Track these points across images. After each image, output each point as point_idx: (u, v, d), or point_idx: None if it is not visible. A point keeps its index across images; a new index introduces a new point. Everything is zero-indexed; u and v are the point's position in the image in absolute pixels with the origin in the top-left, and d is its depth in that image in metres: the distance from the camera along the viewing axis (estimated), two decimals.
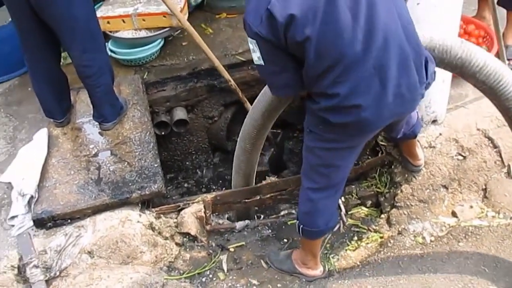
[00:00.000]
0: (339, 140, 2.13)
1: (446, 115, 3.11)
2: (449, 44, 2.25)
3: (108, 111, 3.20)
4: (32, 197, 2.76)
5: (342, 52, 1.83)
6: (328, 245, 2.97)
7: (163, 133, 3.96)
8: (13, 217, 2.76)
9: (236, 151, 3.05)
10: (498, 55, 3.31)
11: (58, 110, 3.26)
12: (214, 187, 4.28)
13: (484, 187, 2.93)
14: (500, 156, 2.96)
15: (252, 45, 1.92)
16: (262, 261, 2.86)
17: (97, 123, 3.26)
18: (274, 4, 1.75)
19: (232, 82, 3.56)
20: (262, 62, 1.95)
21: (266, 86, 2.64)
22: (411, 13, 2.74)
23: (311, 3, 1.76)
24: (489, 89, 2.28)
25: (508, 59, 3.43)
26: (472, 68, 2.24)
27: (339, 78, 1.89)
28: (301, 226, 2.47)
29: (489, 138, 3.02)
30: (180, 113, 3.93)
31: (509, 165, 2.92)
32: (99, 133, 3.25)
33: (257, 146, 2.97)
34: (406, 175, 2.98)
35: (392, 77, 1.91)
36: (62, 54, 3.35)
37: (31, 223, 2.72)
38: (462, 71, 2.30)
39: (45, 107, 3.24)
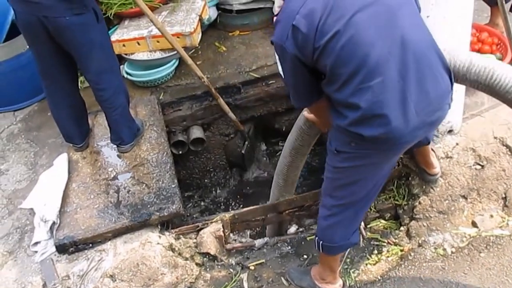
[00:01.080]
0: (372, 155, 2.10)
1: (462, 125, 3.09)
2: None
3: (125, 133, 3.25)
4: (54, 223, 2.81)
5: (366, 53, 1.86)
6: (348, 260, 2.96)
7: (180, 152, 4.00)
8: (36, 243, 2.82)
9: (272, 186, 3.26)
10: None
11: (77, 134, 3.32)
12: (233, 204, 4.30)
13: (504, 195, 2.89)
14: None
15: (278, 59, 2.11)
16: (282, 278, 2.86)
17: (115, 146, 3.32)
18: (299, 20, 1.88)
19: (205, 79, 3.65)
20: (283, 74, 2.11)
21: (294, 127, 2.85)
22: None
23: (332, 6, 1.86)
24: (485, 86, 2.23)
25: None
26: (461, 70, 2.22)
27: (363, 84, 1.89)
28: (321, 242, 2.44)
29: (507, 146, 2.99)
30: (196, 132, 3.98)
31: None
32: (117, 155, 3.30)
33: (288, 182, 3.15)
34: (424, 187, 2.96)
35: (417, 86, 1.92)
36: (80, 78, 3.41)
37: (54, 248, 2.77)
38: (453, 75, 2.23)
39: (64, 132, 3.31)
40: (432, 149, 2.87)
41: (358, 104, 1.91)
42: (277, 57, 2.11)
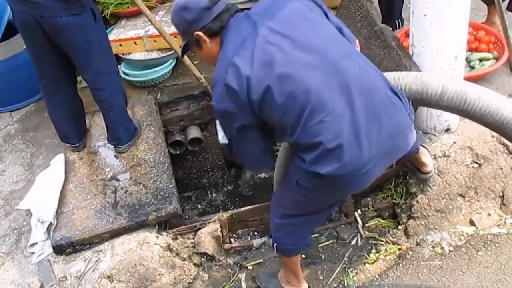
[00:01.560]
0: (330, 192, 2.12)
1: (459, 123, 3.09)
2: (404, 82, 2.26)
3: (122, 133, 3.25)
4: (51, 223, 2.81)
5: (305, 88, 1.86)
6: (346, 259, 2.96)
7: (178, 152, 3.99)
8: (33, 244, 2.82)
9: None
10: (509, 62, 3.30)
11: (74, 135, 3.32)
12: (231, 204, 4.29)
13: (501, 194, 2.89)
14: None
15: (219, 126, 2.06)
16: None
17: (112, 146, 3.31)
18: (229, 77, 1.87)
19: (203, 79, 3.62)
20: (226, 141, 2.07)
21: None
22: (418, 26, 2.77)
23: (261, 59, 1.87)
24: (461, 111, 2.23)
25: None
26: (432, 98, 2.22)
27: (311, 122, 1.88)
28: (275, 244, 2.45)
29: (504, 145, 2.99)
30: (194, 132, 3.97)
31: None
32: (115, 156, 3.30)
33: None
34: (422, 186, 2.96)
35: (367, 117, 1.91)
36: (78, 78, 3.40)
37: (51, 249, 2.77)
38: (425, 103, 2.28)
39: (61, 133, 3.30)
40: (426, 148, 2.86)
41: (315, 141, 1.89)
42: (218, 126, 2.08)
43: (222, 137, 2.03)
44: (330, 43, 1.97)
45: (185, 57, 3.59)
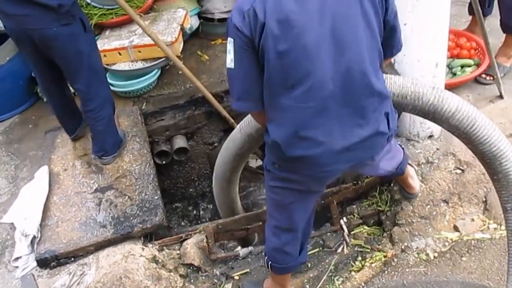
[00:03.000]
0: (294, 181, 2.07)
1: (441, 130, 3.11)
2: (420, 91, 2.24)
3: (109, 145, 3.24)
4: (34, 237, 2.78)
5: (309, 70, 1.78)
6: (332, 267, 2.96)
7: (164, 162, 3.99)
8: (17, 258, 2.79)
9: (214, 190, 3.23)
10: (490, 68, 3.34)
11: (69, 128, 3.41)
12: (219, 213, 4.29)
13: (484, 199, 2.92)
14: None
15: (229, 45, 1.87)
16: None
17: (97, 157, 3.30)
18: (257, 3, 1.76)
19: (203, 89, 3.66)
20: (233, 65, 1.89)
21: (236, 129, 2.76)
22: None
23: (290, 8, 1.74)
24: (463, 134, 2.26)
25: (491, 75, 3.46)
26: (445, 114, 2.23)
27: (300, 103, 1.83)
28: (270, 262, 2.44)
29: None
30: (180, 142, 3.97)
31: None
32: (99, 167, 3.28)
33: (231, 184, 3.16)
34: None
35: (352, 116, 1.88)
36: None
37: (35, 263, 2.74)
38: (434, 117, 2.28)
39: (61, 125, 3.40)
40: (414, 168, 2.89)
41: (290, 117, 1.86)
42: (229, 45, 1.88)
43: (230, 61, 1.90)
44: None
45: (181, 64, 3.59)
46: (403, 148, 2.58)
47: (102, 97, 3.08)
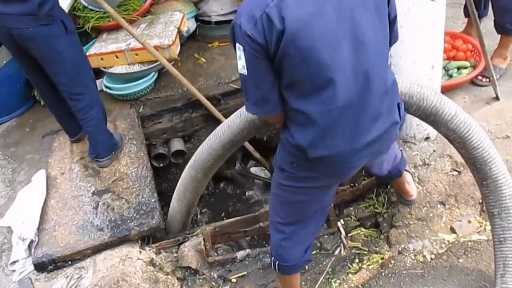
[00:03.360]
0: (313, 179, 2.05)
1: (438, 132, 3.12)
2: (426, 93, 2.32)
3: (101, 146, 3.24)
4: (32, 241, 2.79)
5: (333, 73, 1.75)
6: (330, 269, 2.97)
7: (161, 165, 3.99)
8: (14, 262, 2.79)
9: (183, 178, 3.01)
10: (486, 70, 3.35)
11: (68, 130, 3.44)
12: (215, 216, 4.29)
13: (480, 201, 2.91)
14: None
15: (239, 51, 1.77)
16: None
17: (93, 160, 3.30)
18: (272, 8, 1.67)
19: (198, 95, 3.70)
20: (245, 71, 1.81)
21: (231, 117, 2.67)
22: None
23: (309, 11, 1.69)
24: (458, 138, 2.34)
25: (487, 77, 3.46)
26: (445, 117, 2.31)
27: (325, 105, 1.80)
28: (277, 262, 2.40)
29: None
30: (177, 144, 3.97)
31: None
32: (97, 171, 3.28)
33: (208, 176, 3.00)
34: None
35: (371, 113, 1.89)
36: None
37: (32, 267, 2.74)
38: (435, 119, 2.36)
39: (62, 127, 3.43)
40: (411, 174, 2.90)
41: (316, 120, 1.83)
42: (238, 51, 1.78)
43: (242, 67, 1.80)
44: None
45: (172, 68, 3.59)
46: (401, 150, 2.61)
47: (88, 99, 3.07)
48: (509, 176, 2.35)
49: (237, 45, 1.75)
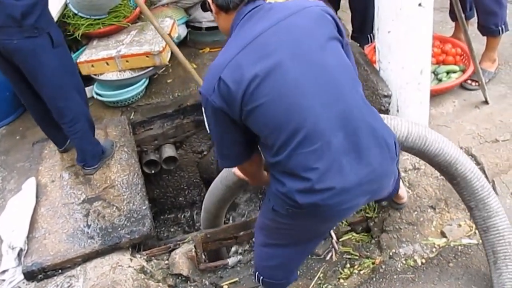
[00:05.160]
0: (309, 220, 1.98)
1: None
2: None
3: (88, 156, 3.23)
4: (21, 249, 2.77)
5: (302, 118, 1.74)
6: (321, 275, 2.96)
7: (153, 171, 3.98)
8: (3, 271, 2.77)
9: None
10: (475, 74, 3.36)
11: (56, 140, 3.40)
12: None
13: None
14: (484, 173, 2.97)
15: (204, 112, 1.88)
16: None
17: (81, 167, 3.29)
18: (226, 73, 1.73)
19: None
20: (209, 130, 1.94)
21: (217, 178, 2.86)
22: (383, 42, 2.82)
23: (263, 65, 1.72)
24: (418, 152, 2.42)
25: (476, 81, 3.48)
26: (399, 138, 2.33)
27: (302, 150, 1.76)
28: (261, 277, 2.38)
29: (472, 156, 3.05)
30: (168, 151, 3.97)
31: (493, 181, 2.93)
32: (87, 178, 3.27)
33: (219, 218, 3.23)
34: None
35: (359, 155, 1.81)
36: None
37: (22, 276, 2.72)
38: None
39: (49, 137, 3.41)
40: (401, 179, 2.91)
41: (307, 177, 1.78)
42: (203, 111, 1.90)
43: (208, 126, 1.91)
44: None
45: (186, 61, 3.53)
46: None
47: (73, 112, 3.02)
48: (476, 170, 2.43)
49: (203, 107, 1.84)
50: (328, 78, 1.76)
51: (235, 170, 2.48)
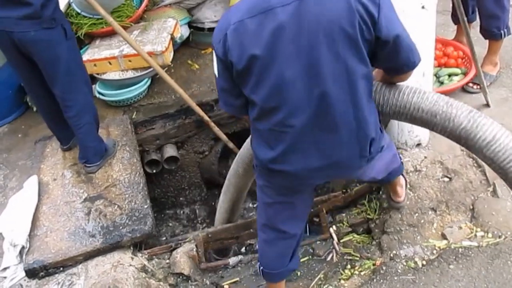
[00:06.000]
0: (273, 183, 2.16)
1: (429, 138, 3.15)
2: (454, 112, 2.03)
3: (90, 153, 3.24)
4: (23, 247, 2.78)
5: (283, 98, 1.81)
6: (322, 276, 2.97)
7: (154, 171, 3.99)
8: (5, 269, 2.78)
9: (229, 172, 3.11)
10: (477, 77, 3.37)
11: (61, 137, 3.42)
12: (209, 221, 4.29)
13: (471, 207, 2.93)
14: (485, 175, 2.98)
15: (214, 56, 1.93)
16: None
17: (83, 165, 3.30)
18: (231, 34, 1.78)
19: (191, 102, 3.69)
20: (216, 74, 1.96)
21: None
22: None
23: (264, 48, 1.76)
24: (498, 168, 2.03)
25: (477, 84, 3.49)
26: (478, 142, 2.01)
27: (277, 127, 1.89)
28: (261, 268, 2.45)
29: (473, 158, 3.05)
30: (170, 150, 3.98)
31: (494, 184, 2.93)
32: (89, 177, 3.28)
33: (249, 172, 2.95)
34: None
35: (329, 145, 1.92)
36: None
37: (23, 273, 2.73)
38: (467, 144, 2.07)
39: (54, 134, 3.43)
40: (405, 179, 2.91)
41: (273, 147, 1.94)
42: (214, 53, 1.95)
43: (215, 69, 1.96)
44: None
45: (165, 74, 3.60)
46: (401, 159, 2.58)
47: (81, 104, 3.08)
48: None
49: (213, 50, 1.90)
50: (318, 69, 1.77)
51: None
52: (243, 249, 3.62)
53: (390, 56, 1.89)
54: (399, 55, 1.88)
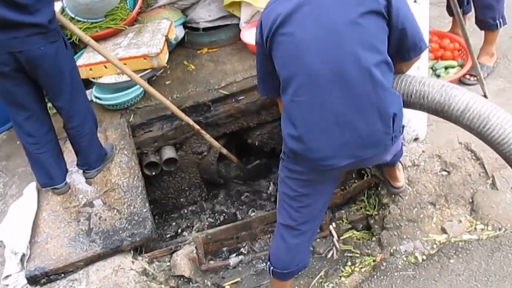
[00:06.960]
0: (299, 171, 2.17)
1: (427, 132, 3.14)
2: (426, 89, 2.17)
3: (92, 159, 3.24)
4: (24, 254, 2.78)
5: (299, 66, 1.96)
6: (322, 273, 2.98)
7: (153, 173, 3.99)
8: (7, 277, 2.78)
9: None
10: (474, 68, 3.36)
11: (59, 172, 3.16)
12: (211, 222, 4.29)
13: (471, 200, 2.93)
14: (484, 168, 2.97)
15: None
16: None
17: (82, 171, 3.30)
18: (263, 16, 2.07)
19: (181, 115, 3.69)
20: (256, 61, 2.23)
21: None
22: None
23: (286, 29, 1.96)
24: (477, 133, 2.15)
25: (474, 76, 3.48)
26: (453, 112, 2.13)
27: (294, 97, 2.00)
28: (272, 268, 2.45)
29: (472, 151, 3.05)
30: (169, 152, 3.97)
31: (493, 176, 2.93)
32: (88, 182, 3.28)
33: None
34: (393, 196, 3.00)
35: (349, 118, 1.95)
36: (49, 104, 3.24)
37: (25, 281, 2.74)
38: (444, 115, 2.19)
39: (44, 173, 3.11)
40: (401, 163, 2.91)
41: (295, 124, 2.03)
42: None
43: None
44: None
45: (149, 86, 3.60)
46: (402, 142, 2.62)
47: (84, 113, 3.07)
48: None
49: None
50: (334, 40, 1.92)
51: None
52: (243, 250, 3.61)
53: (399, 40, 2.07)
54: (406, 40, 2.08)
